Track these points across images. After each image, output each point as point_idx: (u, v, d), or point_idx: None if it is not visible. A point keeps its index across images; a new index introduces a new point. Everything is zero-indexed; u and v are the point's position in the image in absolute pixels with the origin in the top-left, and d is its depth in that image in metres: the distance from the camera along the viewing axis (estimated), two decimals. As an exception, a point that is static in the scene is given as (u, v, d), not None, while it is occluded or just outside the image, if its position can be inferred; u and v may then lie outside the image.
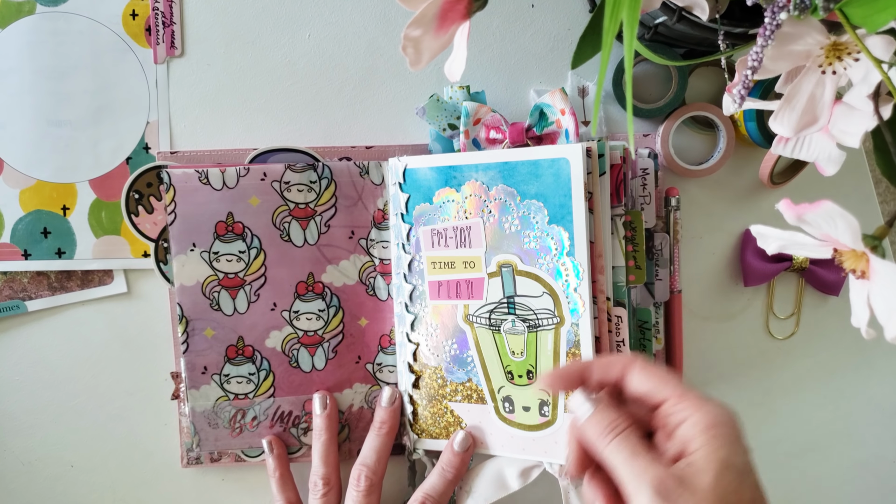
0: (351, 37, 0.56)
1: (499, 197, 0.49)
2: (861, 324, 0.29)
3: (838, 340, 0.59)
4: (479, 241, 0.50)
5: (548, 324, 0.49)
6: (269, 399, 0.54)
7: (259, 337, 0.54)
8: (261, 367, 0.54)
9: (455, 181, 0.51)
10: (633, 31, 0.28)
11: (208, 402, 0.53)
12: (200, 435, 0.54)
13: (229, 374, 0.53)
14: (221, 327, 0.53)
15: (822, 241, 0.29)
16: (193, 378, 0.53)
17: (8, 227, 0.54)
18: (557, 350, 0.49)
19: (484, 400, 0.51)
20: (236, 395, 0.54)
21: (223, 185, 0.53)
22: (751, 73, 0.31)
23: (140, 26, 0.55)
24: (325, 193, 0.54)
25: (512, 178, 0.49)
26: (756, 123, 0.53)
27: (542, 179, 0.48)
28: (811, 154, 0.35)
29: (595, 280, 0.48)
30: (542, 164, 0.48)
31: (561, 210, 0.47)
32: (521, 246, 0.49)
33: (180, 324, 0.53)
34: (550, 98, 0.51)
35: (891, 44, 0.29)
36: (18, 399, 0.56)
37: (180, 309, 0.53)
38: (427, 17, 0.32)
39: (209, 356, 0.53)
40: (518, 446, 0.51)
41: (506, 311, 0.50)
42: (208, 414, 0.54)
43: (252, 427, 0.54)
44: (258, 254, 0.53)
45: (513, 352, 0.50)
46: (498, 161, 0.49)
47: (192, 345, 0.53)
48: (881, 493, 0.60)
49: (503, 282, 0.50)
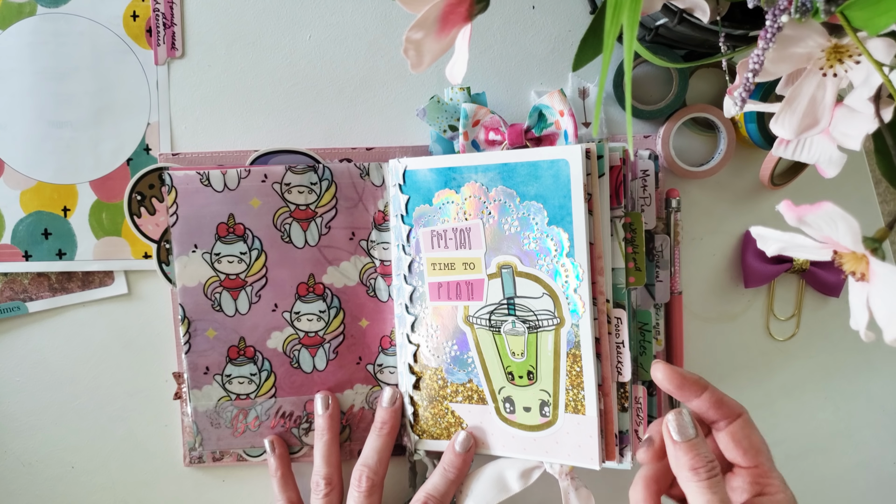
0: (352, 38, 0.56)
1: (498, 198, 0.49)
2: (860, 326, 0.29)
3: (839, 342, 0.59)
4: (479, 243, 0.50)
5: (548, 325, 0.49)
6: (271, 399, 0.54)
7: (260, 338, 0.54)
8: (262, 367, 0.54)
9: (454, 182, 0.51)
10: (634, 32, 0.28)
11: (210, 401, 0.54)
12: (203, 434, 0.54)
13: (231, 374, 0.54)
14: (223, 328, 0.54)
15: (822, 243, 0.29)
16: (195, 378, 0.54)
17: (9, 229, 0.54)
18: (558, 351, 0.48)
19: (485, 401, 0.51)
20: (238, 396, 0.54)
21: (224, 187, 0.53)
22: (752, 75, 0.31)
23: (141, 27, 0.55)
24: (326, 195, 0.54)
25: (511, 180, 0.49)
26: (757, 125, 0.53)
27: (542, 181, 0.48)
28: (812, 156, 0.35)
29: (594, 281, 0.47)
30: (541, 165, 0.47)
31: (560, 211, 0.47)
32: (520, 247, 0.49)
33: (182, 324, 0.53)
34: (549, 99, 0.51)
35: (892, 46, 0.29)
36: (19, 400, 0.56)
37: (182, 310, 0.53)
38: (429, 20, 0.32)
39: (211, 356, 0.53)
40: (519, 446, 0.51)
41: (506, 312, 0.50)
42: (210, 414, 0.54)
43: (254, 427, 0.54)
44: (259, 255, 0.54)
45: (513, 353, 0.50)
46: (497, 162, 0.49)
47: (195, 345, 0.53)
48: (882, 494, 0.60)
49: (503, 283, 0.50)
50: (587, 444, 0.48)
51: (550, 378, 0.49)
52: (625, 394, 0.49)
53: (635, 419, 0.51)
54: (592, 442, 0.48)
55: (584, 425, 0.48)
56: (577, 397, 0.48)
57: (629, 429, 0.49)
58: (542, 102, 0.52)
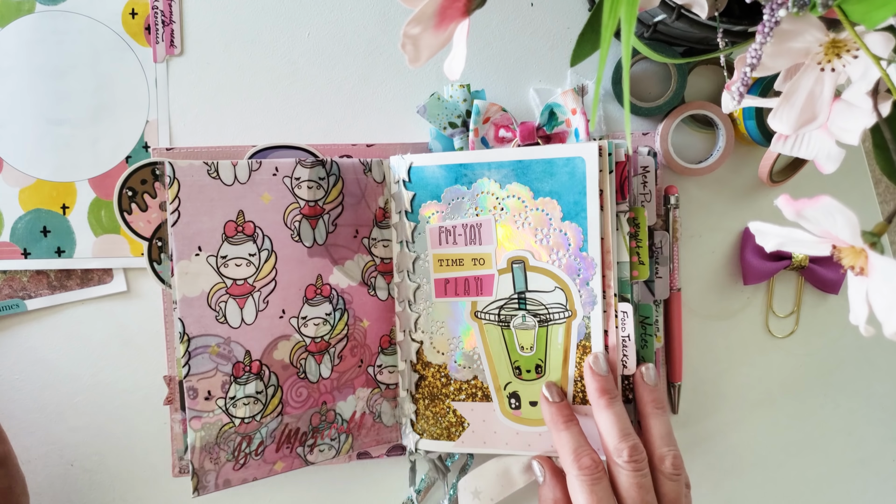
0: (350, 35, 0.56)
1: (513, 195, 0.50)
2: (859, 321, 0.29)
3: (838, 339, 0.59)
4: (490, 238, 0.51)
5: (559, 318, 0.49)
6: (278, 418, 0.50)
7: (267, 349, 0.50)
8: (269, 382, 0.50)
9: (466, 179, 0.51)
10: (631, 27, 0.28)
11: (211, 433, 0.49)
12: (199, 476, 0.48)
13: (235, 396, 0.49)
14: (227, 343, 0.49)
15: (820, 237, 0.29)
16: (195, 407, 0.48)
17: (7, 226, 0.54)
18: (568, 343, 0.49)
19: (489, 397, 0.52)
20: (242, 420, 0.49)
21: (235, 180, 0.49)
22: (750, 70, 0.31)
23: (139, 25, 0.55)
24: (333, 191, 0.52)
25: (526, 176, 0.49)
26: (755, 122, 0.53)
27: (557, 177, 0.48)
28: (810, 152, 0.35)
29: (604, 275, 0.48)
30: (557, 162, 0.48)
31: (575, 207, 0.48)
32: (533, 242, 0.50)
33: (181, 342, 0.48)
34: (563, 98, 0.52)
35: (889, 41, 0.29)
36: (18, 398, 0.56)
37: (182, 325, 0.48)
38: (426, 15, 0.32)
39: (213, 378, 0.49)
40: (524, 442, 0.51)
41: (516, 306, 0.50)
42: (211, 448, 0.49)
43: (257, 455, 0.50)
44: (269, 256, 0.50)
45: (522, 347, 0.51)
46: (511, 160, 0.50)
47: (195, 367, 0.48)
48: (881, 491, 0.60)
49: (514, 278, 0.50)
50: (591, 434, 0.48)
51: (559, 371, 0.50)
52: (628, 385, 0.50)
53: (636, 414, 0.51)
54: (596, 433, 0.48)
55: (591, 415, 0.48)
56: (584, 388, 0.49)
57: (633, 420, 0.50)
58: (555, 101, 0.53)
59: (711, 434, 0.59)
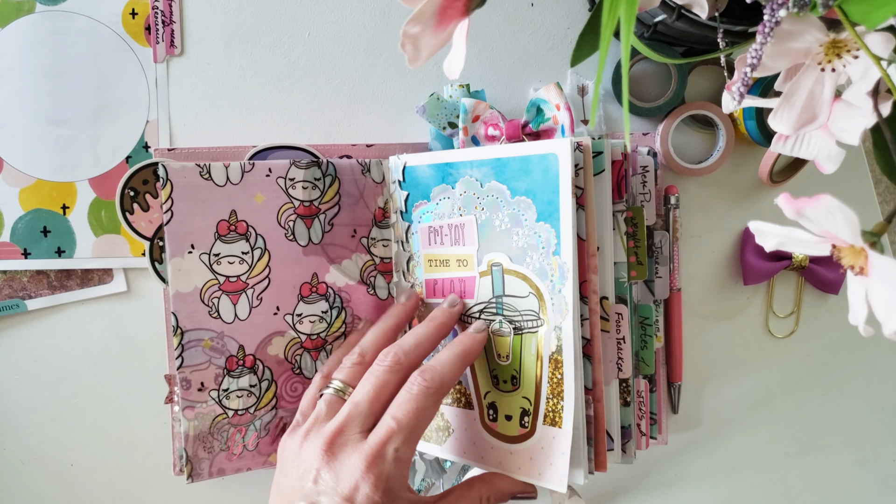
0: (351, 36, 0.56)
1: (491, 194, 0.48)
2: (859, 321, 0.29)
3: (838, 339, 0.59)
4: (472, 239, 0.49)
5: (531, 326, 0.46)
6: (272, 412, 0.52)
7: (261, 345, 0.51)
8: (263, 377, 0.51)
9: (451, 178, 0.50)
10: (631, 27, 0.28)
11: (205, 423, 0.50)
12: (193, 463, 0.50)
13: (228, 388, 0.50)
14: (220, 337, 0.50)
15: (820, 237, 0.29)
16: (188, 397, 0.50)
17: (7, 226, 0.54)
18: (541, 354, 0.46)
19: (471, 405, 0.50)
20: (236, 412, 0.51)
21: (227, 181, 0.50)
22: (750, 70, 0.31)
23: (140, 25, 0.55)
24: (329, 191, 0.52)
25: (503, 175, 0.47)
26: (755, 122, 0.53)
27: (532, 176, 0.45)
28: (810, 152, 0.35)
29: (587, 280, 0.45)
30: (531, 159, 0.45)
31: (549, 207, 0.45)
32: (510, 244, 0.47)
33: (175, 335, 0.50)
34: (545, 93, 0.51)
35: (890, 41, 0.29)
36: (18, 398, 0.56)
37: (175, 319, 0.49)
38: (426, 14, 0.32)
39: (206, 370, 0.50)
40: (495, 459, 0.48)
41: (494, 311, 0.48)
42: (204, 437, 0.50)
43: (252, 446, 0.52)
44: (262, 255, 0.51)
45: (499, 355, 0.48)
46: (491, 157, 0.47)
47: (188, 359, 0.50)
48: (881, 491, 0.60)
49: (493, 281, 0.48)
50: (558, 461, 0.45)
51: (532, 385, 0.46)
52: (626, 388, 0.49)
53: (637, 413, 0.51)
54: (564, 459, 0.44)
55: (558, 440, 0.45)
56: (556, 408, 0.45)
57: (632, 423, 0.49)
58: (539, 96, 0.51)
59: (711, 434, 0.59)
